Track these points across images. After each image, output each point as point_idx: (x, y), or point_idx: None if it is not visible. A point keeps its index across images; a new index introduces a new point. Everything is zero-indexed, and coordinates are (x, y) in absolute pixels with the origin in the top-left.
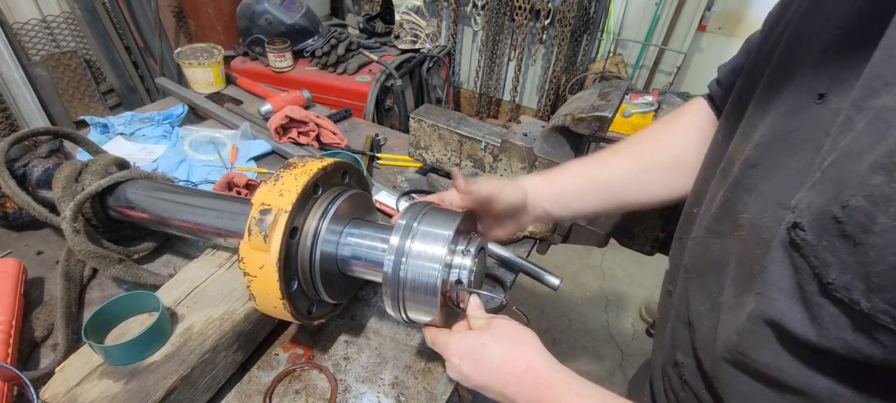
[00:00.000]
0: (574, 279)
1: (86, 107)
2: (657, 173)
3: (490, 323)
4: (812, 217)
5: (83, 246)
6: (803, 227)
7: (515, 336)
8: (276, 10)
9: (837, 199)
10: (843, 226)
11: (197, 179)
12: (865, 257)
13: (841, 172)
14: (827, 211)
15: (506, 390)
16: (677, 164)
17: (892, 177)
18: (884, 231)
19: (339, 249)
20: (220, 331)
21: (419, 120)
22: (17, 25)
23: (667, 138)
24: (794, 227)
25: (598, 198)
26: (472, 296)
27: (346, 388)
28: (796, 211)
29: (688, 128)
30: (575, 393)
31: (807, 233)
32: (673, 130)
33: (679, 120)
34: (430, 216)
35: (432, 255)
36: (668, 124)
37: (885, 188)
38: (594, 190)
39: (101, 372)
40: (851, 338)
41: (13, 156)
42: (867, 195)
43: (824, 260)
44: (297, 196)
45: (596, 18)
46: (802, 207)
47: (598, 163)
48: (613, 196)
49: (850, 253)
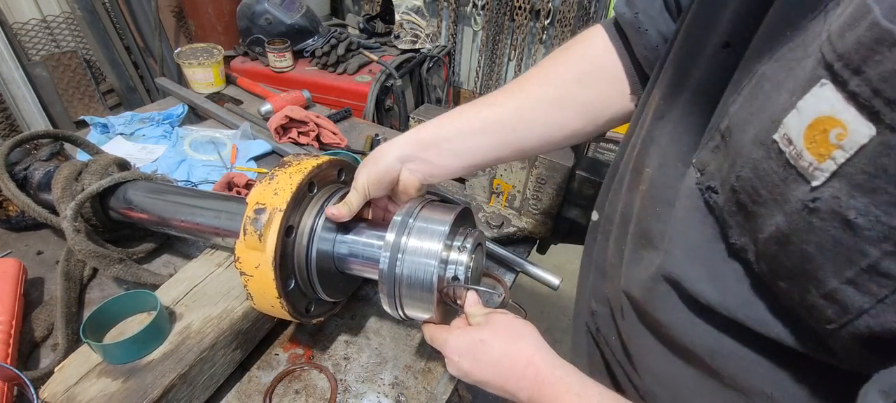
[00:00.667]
0: (574, 279)
1: (86, 108)
2: (542, 110)
3: (488, 319)
4: (720, 181)
5: (83, 246)
6: (716, 189)
7: (515, 331)
8: (276, 10)
9: (733, 169)
10: (738, 195)
11: (197, 179)
12: (754, 225)
13: (733, 141)
14: (728, 179)
15: (506, 385)
16: (562, 99)
17: (769, 154)
18: (764, 203)
19: (335, 247)
20: (219, 329)
21: (419, 120)
22: (17, 25)
23: (554, 69)
24: (708, 189)
25: (487, 140)
26: (470, 293)
27: (346, 388)
28: (706, 174)
29: (577, 59)
30: (575, 393)
31: (719, 196)
32: (562, 61)
33: (569, 50)
34: (425, 212)
35: (428, 251)
36: (558, 54)
37: (764, 163)
38: (479, 132)
39: (99, 371)
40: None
41: (14, 159)
42: (752, 168)
43: (728, 222)
44: (292, 194)
45: (596, 18)
46: (713, 170)
47: (481, 104)
48: (501, 139)
49: (744, 219)
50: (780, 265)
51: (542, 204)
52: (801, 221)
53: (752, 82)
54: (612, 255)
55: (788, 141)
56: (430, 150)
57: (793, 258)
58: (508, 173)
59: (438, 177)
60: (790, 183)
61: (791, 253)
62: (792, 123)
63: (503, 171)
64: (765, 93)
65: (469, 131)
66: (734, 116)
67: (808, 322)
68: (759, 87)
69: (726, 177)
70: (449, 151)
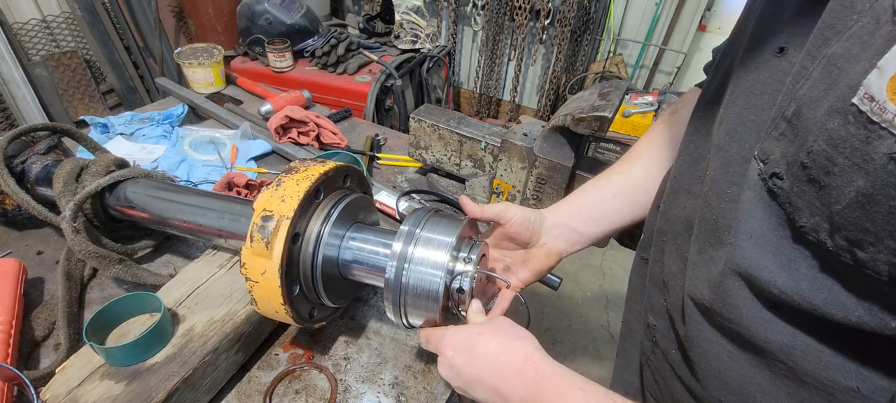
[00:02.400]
0: (574, 279)
1: (86, 107)
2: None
3: (489, 319)
4: (786, 165)
5: (83, 246)
6: (781, 176)
7: (514, 332)
8: (276, 10)
9: (803, 147)
10: (809, 171)
11: (197, 179)
12: (828, 197)
13: (803, 120)
14: (796, 159)
15: (500, 385)
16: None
17: (847, 120)
18: (841, 171)
19: (340, 254)
20: (222, 333)
21: (419, 120)
22: (17, 25)
23: (666, 132)
24: (772, 177)
25: (623, 204)
26: (474, 300)
27: (346, 388)
28: (770, 162)
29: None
30: (579, 387)
31: (784, 182)
32: (671, 123)
33: (676, 113)
34: (432, 222)
35: (435, 262)
36: (667, 119)
37: (841, 130)
38: (614, 197)
39: (102, 373)
40: (817, 282)
41: (11, 152)
42: (827, 139)
43: (796, 205)
44: (299, 202)
45: (596, 18)
46: (777, 157)
47: (610, 174)
48: (635, 200)
49: (817, 195)
50: (863, 231)
51: (543, 204)
52: (888, 175)
53: (821, 65)
54: (673, 264)
55: (870, 98)
56: (575, 218)
57: (878, 218)
58: (508, 173)
59: (580, 245)
60: (873, 141)
61: (876, 213)
62: (873, 81)
63: (503, 171)
64: (838, 68)
65: (604, 198)
66: (804, 97)
67: (891, 293)
68: (832, 65)
69: (794, 158)
70: (591, 219)
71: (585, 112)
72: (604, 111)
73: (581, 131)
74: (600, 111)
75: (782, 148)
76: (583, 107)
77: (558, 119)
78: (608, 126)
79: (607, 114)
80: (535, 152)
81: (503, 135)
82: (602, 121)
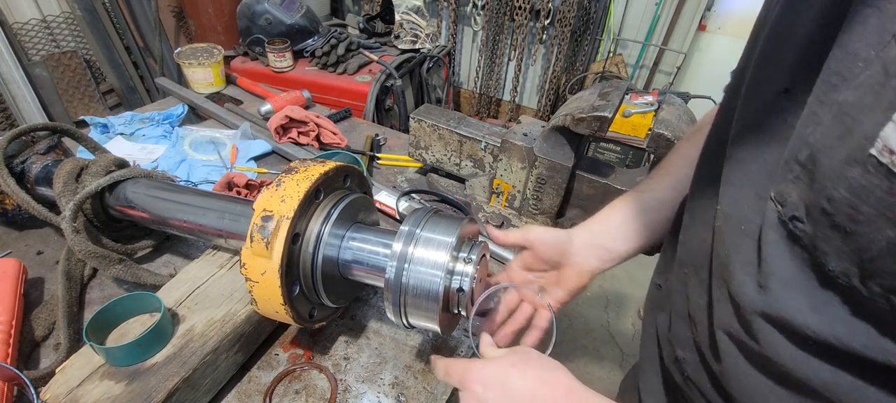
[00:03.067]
0: None
1: (86, 107)
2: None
3: (513, 350)
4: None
5: (83, 246)
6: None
7: (545, 362)
8: (276, 10)
9: (823, 193)
10: (833, 218)
11: (197, 179)
12: (856, 245)
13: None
14: (816, 204)
15: None
16: None
17: (866, 170)
18: (868, 220)
19: (341, 254)
20: (222, 333)
21: (419, 120)
22: (17, 25)
23: (691, 150)
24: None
25: (653, 219)
26: (484, 335)
27: (346, 388)
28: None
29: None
30: None
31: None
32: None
33: (701, 130)
34: (432, 222)
35: (435, 262)
36: (691, 137)
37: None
38: (644, 213)
39: (102, 373)
40: (852, 325)
41: (11, 152)
42: (847, 187)
43: (822, 249)
44: (299, 202)
45: (596, 18)
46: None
47: (639, 192)
48: (665, 216)
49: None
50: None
51: (542, 204)
52: None
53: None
54: (698, 297)
55: (890, 151)
56: (605, 236)
57: None
58: (508, 173)
59: (611, 263)
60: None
61: None
62: (890, 135)
63: (503, 171)
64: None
65: (634, 215)
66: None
67: None
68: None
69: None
70: (621, 236)
71: (585, 112)
72: (604, 111)
73: (581, 131)
74: (600, 111)
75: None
76: (583, 107)
77: (558, 119)
78: (608, 126)
79: (607, 114)
80: (535, 152)
81: (503, 135)
82: (602, 121)
